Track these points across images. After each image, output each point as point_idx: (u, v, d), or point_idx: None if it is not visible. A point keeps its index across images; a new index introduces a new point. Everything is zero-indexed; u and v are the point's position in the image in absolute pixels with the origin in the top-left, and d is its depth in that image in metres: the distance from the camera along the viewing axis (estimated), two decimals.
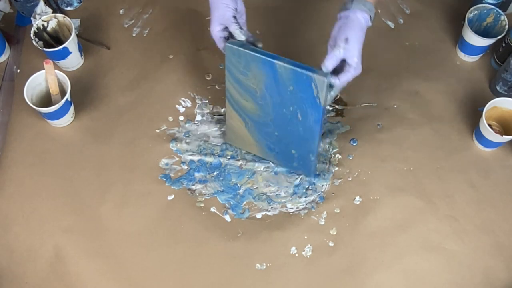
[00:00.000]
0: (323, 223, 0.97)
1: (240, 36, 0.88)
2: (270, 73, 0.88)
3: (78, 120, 1.07)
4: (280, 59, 0.85)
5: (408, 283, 0.92)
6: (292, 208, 0.99)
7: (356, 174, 1.01)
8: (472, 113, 1.06)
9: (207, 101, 1.09)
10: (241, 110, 0.96)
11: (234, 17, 0.87)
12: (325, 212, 0.98)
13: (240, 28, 0.87)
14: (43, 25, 1.07)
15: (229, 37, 0.89)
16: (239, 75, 0.92)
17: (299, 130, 0.92)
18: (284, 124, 0.93)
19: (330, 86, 0.86)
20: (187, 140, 1.05)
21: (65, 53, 1.05)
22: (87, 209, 0.98)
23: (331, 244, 0.95)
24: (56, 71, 1.02)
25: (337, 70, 0.85)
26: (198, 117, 1.08)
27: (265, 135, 0.97)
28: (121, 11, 1.19)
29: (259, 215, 0.99)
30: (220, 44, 0.90)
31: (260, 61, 0.87)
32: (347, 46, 0.83)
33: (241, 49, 0.87)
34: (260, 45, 0.90)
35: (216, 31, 0.88)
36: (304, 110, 0.89)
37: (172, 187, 1.00)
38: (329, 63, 0.84)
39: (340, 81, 0.85)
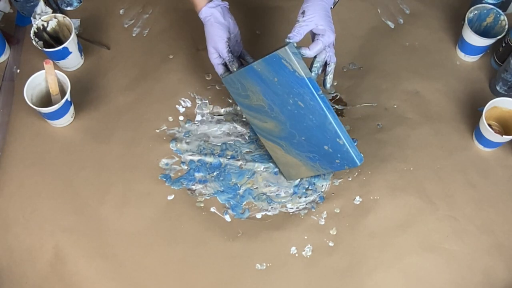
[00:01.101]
0: (323, 223, 0.97)
1: (232, 68, 0.93)
2: (257, 78, 0.89)
3: (78, 120, 1.07)
4: (255, 60, 0.88)
5: (408, 283, 0.92)
6: (292, 208, 0.99)
7: (356, 174, 1.01)
8: (472, 113, 1.06)
9: (207, 101, 1.09)
10: (270, 135, 0.96)
11: (227, 47, 0.92)
12: (325, 212, 0.98)
13: (232, 61, 0.93)
14: (43, 25, 1.07)
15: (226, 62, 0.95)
16: (245, 101, 0.94)
17: (311, 120, 0.87)
18: (299, 122, 0.90)
19: (314, 62, 0.88)
20: (187, 140, 1.05)
21: (65, 53, 1.06)
22: (87, 209, 0.98)
23: (331, 244, 0.95)
24: (56, 71, 1.02)
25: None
26: (198, 117, 1.08)
27: (299, 148, 0.93)
28: (121, 11, 1.19)
29: (259, 215, 0.99)
30: (218, 70, 0.96)
31: (245, 73, 0.90)
32: (306, 18, 0.86)
33: (230, 75, 0.93)
34: (248, 57, 0.97)
35: (213, 59, 0.95)
36: (298, 94, 0.86)
37: (172, 187, 1.00)
38: (292, 34, 0.86)
39: (311, 50, 0.87)
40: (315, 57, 0.89)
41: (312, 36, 0.90)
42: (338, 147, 0.88)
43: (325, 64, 0.91)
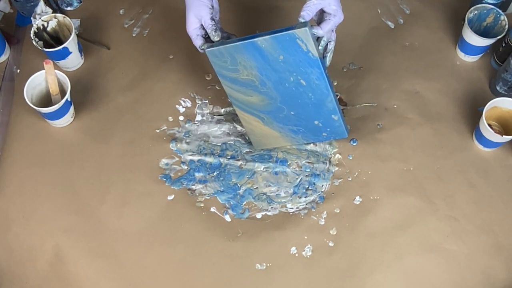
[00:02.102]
0: (323, 223, 0.97)
1: (214, 37, 0.88)
2: (256, 54, 0.87)
3: (78, 120, 1.07)
4: (258, 36, 0.86)
5: (408, 283, 0.92)
6: (292, 208, 0.99)
7: (356, 174, 1.01)
8: (472, 113, 1.06)
9: (207, 101, 1.09)
10: (251, 108, 0.96)
11: (211, 14, 0.88)
12: (325, 212, 0.98)
13: (215, 29, 0.88)
14: (43, 25, 1.07)
15: (206, 34, 0.90)
16: (231, 74, 0.92)
17: (310, 97, 0.91)
18: (293, 99, 0.92)
19: (317, 39, 0.88)
20: (187, 140, 1.05)
21: (65, 53, 1.06)
22: (87, 209, 0.98)
23: (331, 244, 0.95)
24: (56, 71, 1.02)
25: (320, 22, 0.88)
26: (198, 117, 1.08)
27: (284, 121, 0.96)
28: (121, 11, 1.19)
29: (259, 215, 0.99)
30: (196, 42, 0.91)
31: (242, 48, 0.87)
32: None
33: (220, 47, 0.88)
34: (233, 37, 0.92)
35: (192, 29, 0.90)
36: (303, 72, 0.88)
37: (172, 187, 1.00)
38: (305, 13, 0.86)
39: (323, 30, 0.87)
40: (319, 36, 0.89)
41: (319, 15, 0.90)
42: (330, 122, 0.94)
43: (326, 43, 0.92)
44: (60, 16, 1.07)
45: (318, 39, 0.89)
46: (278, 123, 0.97)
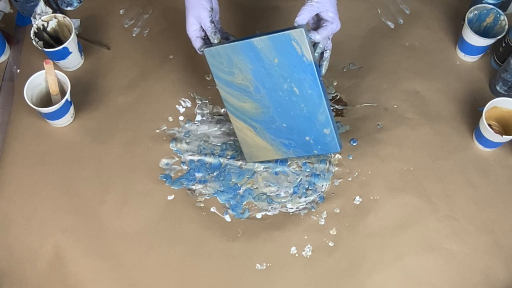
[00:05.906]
0: (323, 223, 0.97)
1: (214, 40, 0.89)
2: (252, 55, 0.87)
3: (78, 120, 1.07)
4: (255, 36, 0.86)
5: (408, 283, 0.92)
6: (292, 208, 0.99)
7: (356, 174, 1.01)
8: (472, 113, 1.07)
9: (207, 101, 1.09)
10: (245, 115, 0.95)
11: (210, 16, 0.88)
12: (325, 212, 0.98)
13: (215, 32, 0.88)
14: (43, 25, 1.07)
15: (205, 36, 0.91)
16: (227, 77, 0.92)
17: (302, 109, 0.89)
18: (286, 110, 0.91)
19: (314, 45, 0.87)
20: (187, 140, 1.05)
21: (65, 53, 1.06)
22: (87, 209, 0.98)
23: (331, 244, 0.95)
24: (56, 71, 1.02)
25: (317, 29, 0.88)
26: (198, 117, 1.08)
27: (275, 133, 0.95)
28: (121, 11, 1.19)
29: (259, 215, 0.99)
30: (196, 44, 0.91)
31: (238, 48, 0.87)
32: (319, 0, 0.85)
33: (218, 46, 0.89)
34: (232, 38, 0.92)
35: (192, 31, 0.90)
36: (297, 79, 0.87)
37: (172, 187, 1.00)
38: (301, 18, 0.85)
39: (320, 35, 0.86)
40: (315, 42, 0.89)
41: (316, 22, 0.90)
42: (322, 139, 0.92)
43: (322, 51, 0.92)
44: (60, 16, 1.07)
45: (314, 45, 0.88)
46: (270, 134, 0.95)
